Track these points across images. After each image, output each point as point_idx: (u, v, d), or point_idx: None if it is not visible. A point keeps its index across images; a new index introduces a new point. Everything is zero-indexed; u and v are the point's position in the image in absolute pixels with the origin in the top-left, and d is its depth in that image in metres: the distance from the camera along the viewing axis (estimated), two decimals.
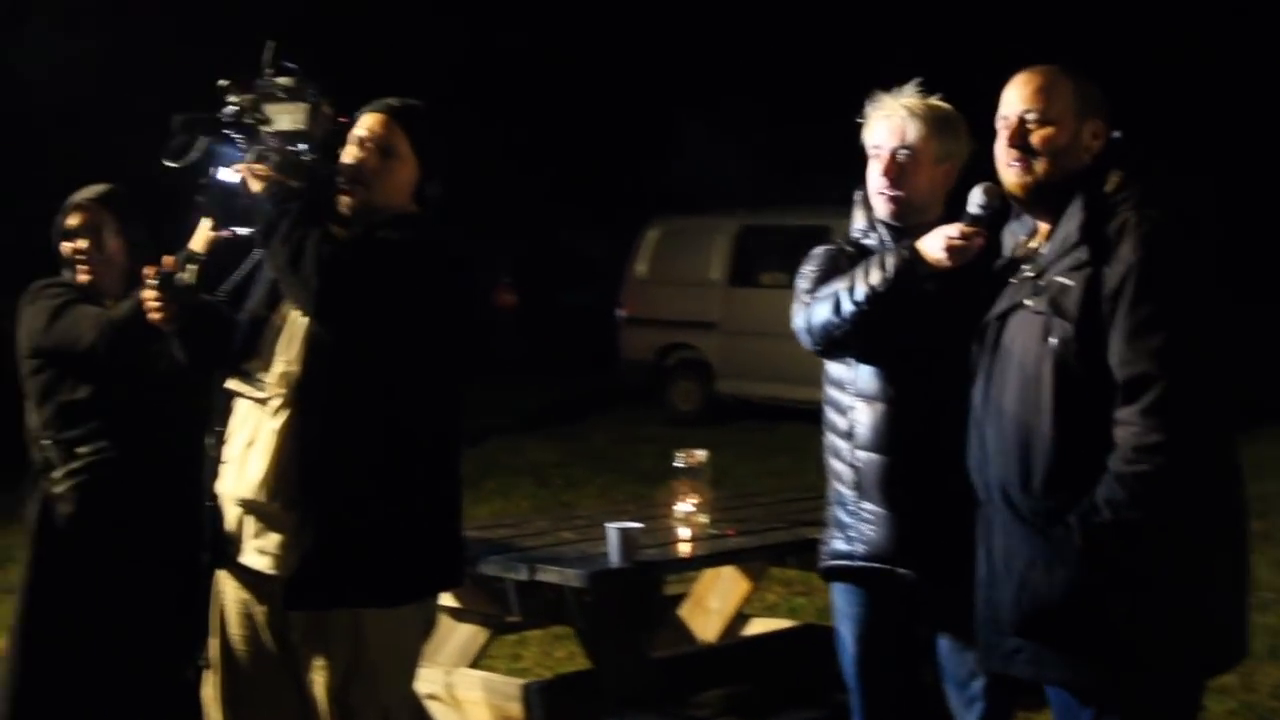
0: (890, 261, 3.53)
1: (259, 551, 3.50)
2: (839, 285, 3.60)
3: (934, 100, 3.76)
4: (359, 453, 3.39)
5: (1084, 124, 3.22)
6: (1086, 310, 3.06)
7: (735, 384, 14.50)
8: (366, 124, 3.52)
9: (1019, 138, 3.22)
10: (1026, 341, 3.16)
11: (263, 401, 3.47)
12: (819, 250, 3.84)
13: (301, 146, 3.49)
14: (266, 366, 3.49)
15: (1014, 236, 3.42)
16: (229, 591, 3.59)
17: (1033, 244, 3.31)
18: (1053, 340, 3.09)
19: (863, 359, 3.70)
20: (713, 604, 5.48)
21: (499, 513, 9.51)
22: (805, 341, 3.71)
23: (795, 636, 5.24)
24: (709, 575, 5.50)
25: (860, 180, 3.79)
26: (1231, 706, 5.86)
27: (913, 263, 3.51)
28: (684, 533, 4.79)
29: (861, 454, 3.69)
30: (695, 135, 19.67)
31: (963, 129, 3.76)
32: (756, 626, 5.61)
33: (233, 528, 3.53)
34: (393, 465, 3.41)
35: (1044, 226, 3.28)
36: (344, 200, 3.50)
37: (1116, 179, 3.16)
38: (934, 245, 3.50)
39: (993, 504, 3.21)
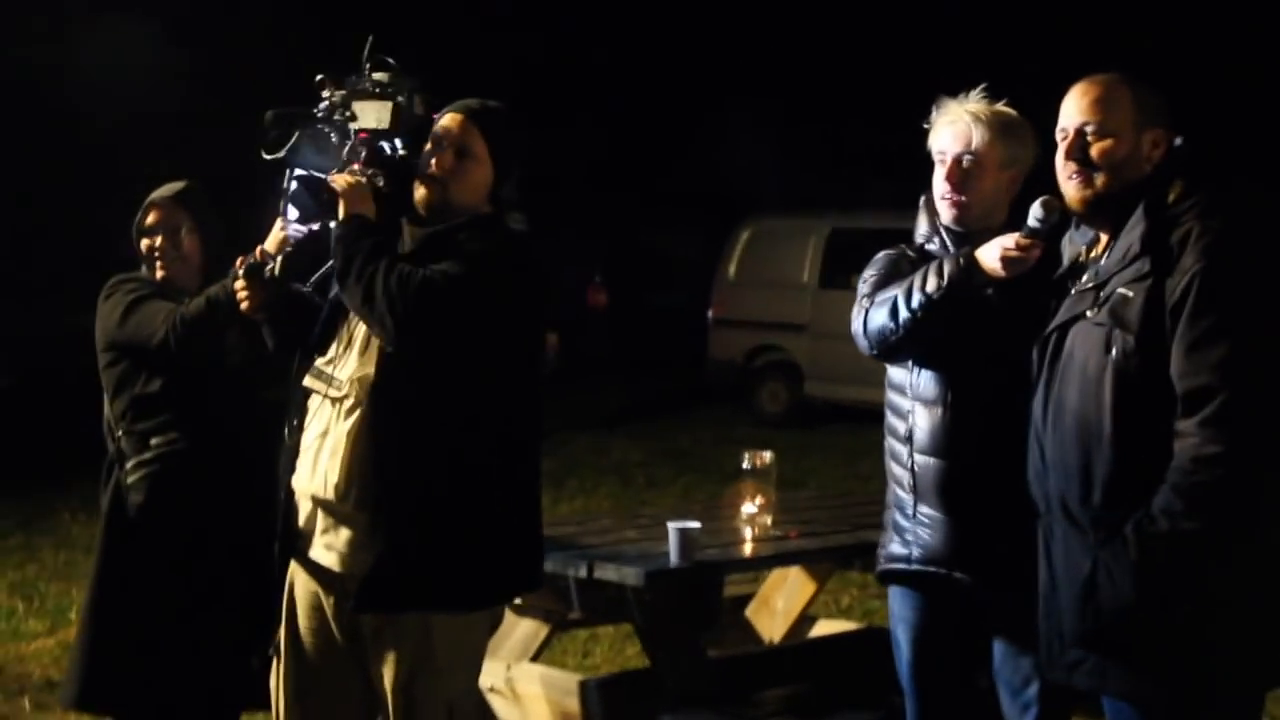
0: (947, 268, 3.54)
1: (327, 548, 3.56)
2: (896, 290, 3.61)
3: (1000, 106, 3.75)
4: (432, 457, 3.43)
5: (1144, 134, 3.19)
6: (1148, 322, 3.05)
7: (824, 386, 14.46)
8: (445, 124, 3.58)
9: (1078, 150, 3.20)
10: (1088, 353, 3.14)
11: (338, 400, 3.53)
12: (881, 255, 3.85)
13: (391, 143, 3.56)
14: (343, 365, 3.56)
15: (1074, 246, 3.40)
16: (299, 582, 3.65)
17: (1093, 254, 3.29)
18: (1114, 352, 3.07)
19: (919, 364, 3.70)
20: (778, 605, 5.50)
21: (578, 511, 9.56)
22: (862, 345, 3.72)
23: (855, 639, 5.24)
24: (776, 576, 5.52)
25: (927, 185, 3.79)
26: None
27: (969, 271, 3.51)
28: (746, 533, 4.81)
29: (919, 458, 3.70)
30: (786, 136, 19.65)
31: (1029, 136, 3.74)
32: (821, 628, 5.62)
33: (304, 523, 3.60)
34: (467, 469, 3.45)
35: (1104, 237, 3.26)
36: (419, 196, 3.56)
37: (1179, 188, 3.14)
38: (990, 255, 3.50)
39: (1053, 515, 3.21)
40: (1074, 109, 3.22)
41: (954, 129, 3.70)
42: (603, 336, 18.29)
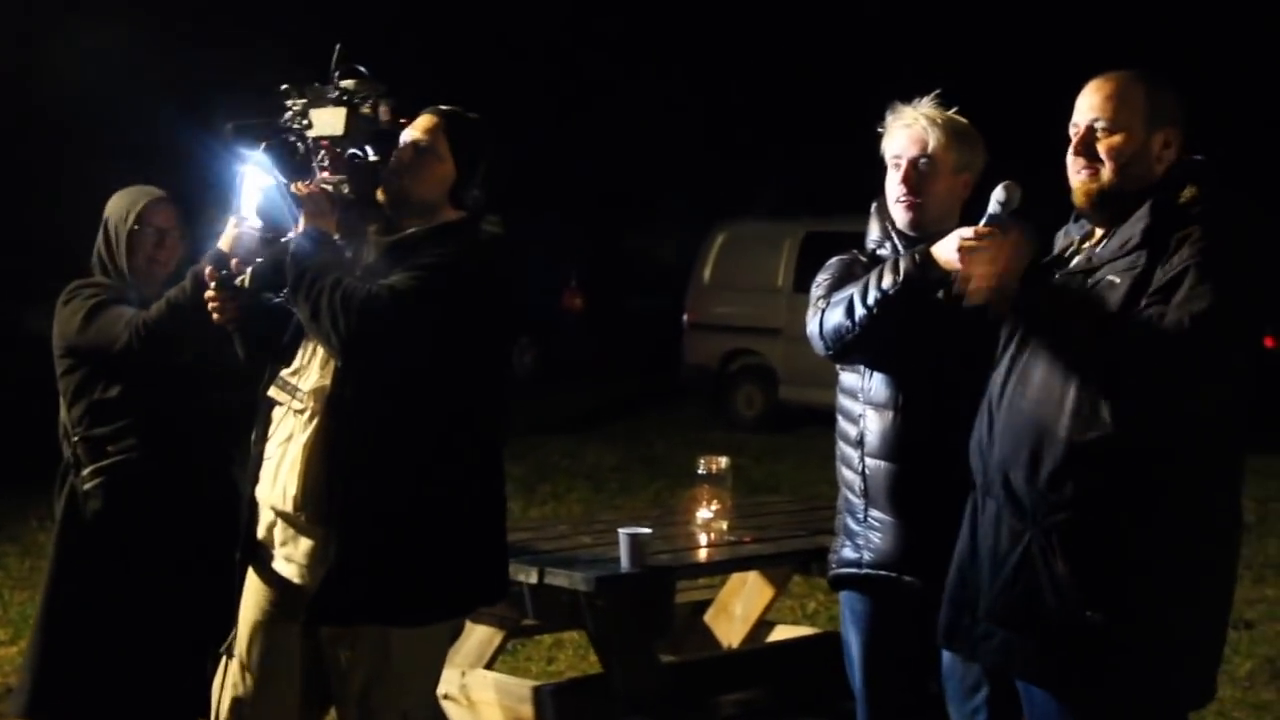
0: (903, 264, 3.54)
1: (286, 559, 3.60)
2: (852, 289, 3.63)
3: (952, 113, 3.80)
4: (388, 469, 3.46)
5: (1155, 133, 3.18)
6: (1127, 307, 3.05)
7: (798, 390, 14.50)
8: (415, 123, 3.65)
9: (1086, 145, 3.20)
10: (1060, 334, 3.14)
11: (299, 412, 3.57)
12: (833, 260, 3.88)
13: (360, 150, 3.60)
14: (306, 376, 3.60)
15: (1067, 237, 3.41)
16: (258, 592, 3.68)
17: (1085, 245, 3.29)
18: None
19: (874, 366, 3.74)
20: (737, 610, 5.52)
21: (549, 517, 9.59)
22: (818, 347, 3.74)
23: (812, 644, 5.26)
24: (734, 582, 5.54)
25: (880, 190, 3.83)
26: None
27: (924, 266, 3.50)
28: (700, 538, 4.84)
29: (870, 461, 3.74)
30: (761, 140, 19.67)
31: (979, 144, 3.80)
32: (779, 633, 5.64)
33: (264, 533, 3.64)
34: (426, 481, 3.48)
35: (1100, 231, 3.26)
36: (381, 193, 3.60)
37: (1191, 192, 3.13)
38: (947, 247, 3.47)
39: (989, 488, 3.22)
40: (1086, 104, 3.22)
41: (910, 132, 3.74)
42: (579, 340, 18.33)
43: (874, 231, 3.83)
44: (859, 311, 3.58)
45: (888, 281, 3.55)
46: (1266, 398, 13.01)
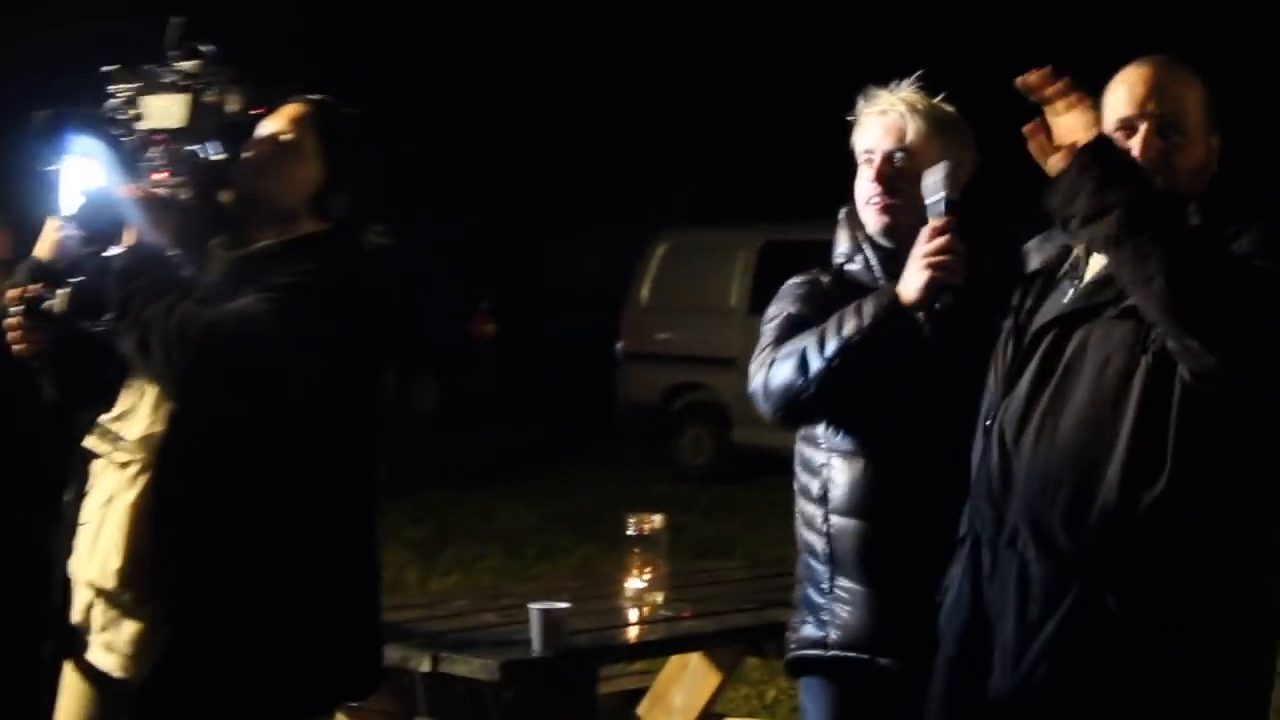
0: (868, 308, 3.53)
1: (106, 648, 3.53)
2: (805, 339, 3.60)
3: (938, 101, 3.80)
4: (232, 534, 3.43)
5: (1210, 138, 3.31)
6: None
7: (755, 433, 14.47)
8: (277, 113, 3.63)
9: (1155, 144, 3.25)
10: (1108, 352, 3.17)
11: (124, 465, 3.52)
12: (788, 286, 3.85)
13: (203, 147, 3.57)
14: (132, 423, 3.55)
15: (1045, 249, 3.46)
16: (73, 690, 3.62)
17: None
18: (1152, 350, 3.12)
19: (835, 424, 3.73)
20: (676, 701, 5.50)
21: (453, 589, 9.56)
22: (761, 407, 3.71)
23: None
24: (673, 666, 5.53)
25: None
26: None
27: (893, 309, 3.50)
28: (630, 614, 4.83)
29: (836, 520, 3.72)
30: (711, 136, 19.79)
31: (969, 138, 3.79)
32: None
33: (80, 616, 3.57)
34: (279, 549, 3.46)
35: None
36: (227, 192, 3.58)
37: (1230, 193, 3.25)
38: (910, 280, 3.49)
39: (1009, 543, 3.23)
40: (1140, 95, 3.27)
41: (885, 121, 3.73)
42: (491, 374, 18.30)
43: (842, 243, 3.81)
44: (814, 365, 3.56)
45: (850, 328, 3.53)
46: None
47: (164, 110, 3.57)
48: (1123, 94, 3.29)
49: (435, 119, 20.45)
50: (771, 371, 3.65)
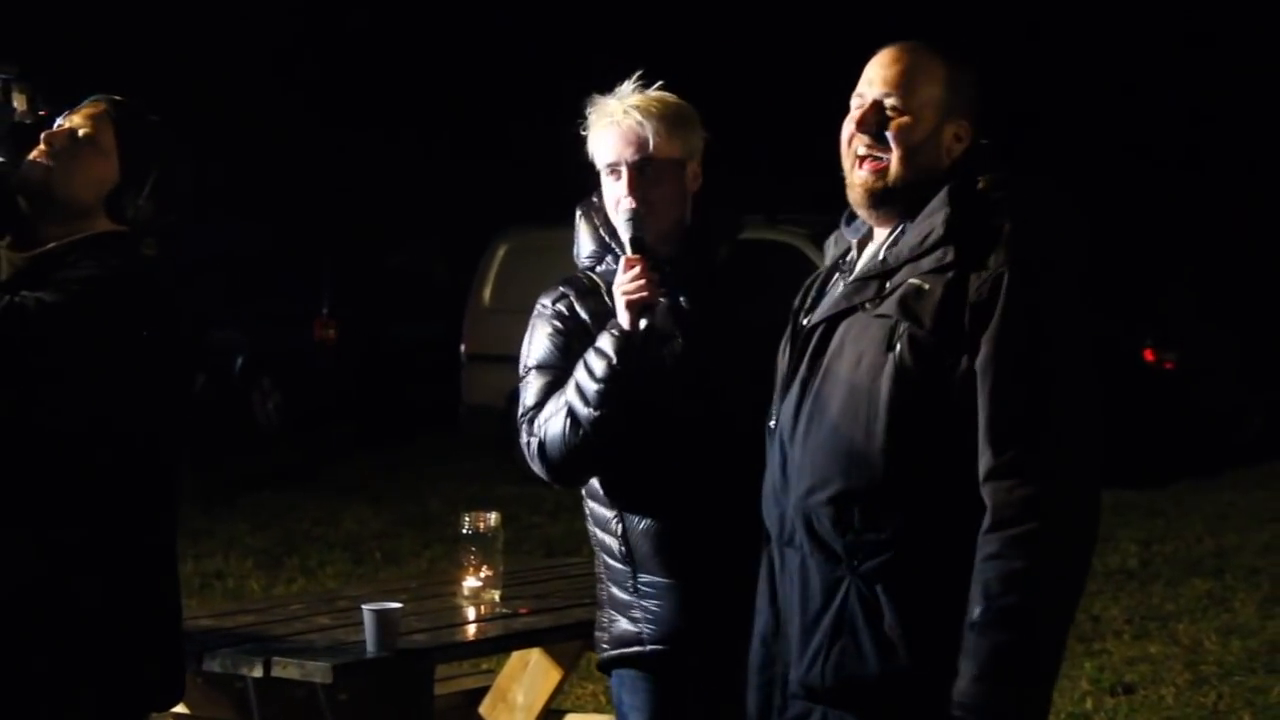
0: (606, 344, 3.67)
1: None
2: (568, 394, 3.71)
3: (660, 93, 3.84)
4: (17, 540, 3.36)
5: (948, 123, 3.31)
6: (944, 318, 3.14)
7: None
8: (79, 109, 3.58)
9: (873, 122, 3.29)
10: (862, 348, 3.21)
11: None
12: (538, 316, 3.96)
13: None
14: None
15: (840, 244, 3.49)
16: None
17: (870, 245, 3.37)
18: (898, 348, 3.15)
19: (636, 464, 3.78)
20: (518, 698, 5.50)
21: (297, 596, 9.45)
22: (539, 470, 3.84)
23: None
24: (514, 664, 5.53)
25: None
26: None
27: (624, 337, 3.65)
28: (467, 613, 4.82)
29: (632, 517, 3.80)
30: (545, 134, 19.79)
31: (697, 120, 3.87)
32: None
33: None
34: (66, 564, 3.38)
35: (882, 231, 3.35)
36: (18, 184, 3.50)
37: (988, 181, 3.25)
38: (620, 312, 3.68)
39: (789, 541, 3.26)
40: (878, 77, 3.30)
41: (621, 131, 3.77)
42: (332, 380, 18.12)
43: (587, 243, 3.89)
44: (584, 414, 3.68)
45: (600, 369, 3.66)
46: (1147, 429, 13.41)
47: None
48: (865, 72, 3.36)
49: (275, 120, 20.26)
50: (546, 434, 3.74)
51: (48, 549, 3.38)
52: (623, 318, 3.67)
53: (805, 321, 3.38)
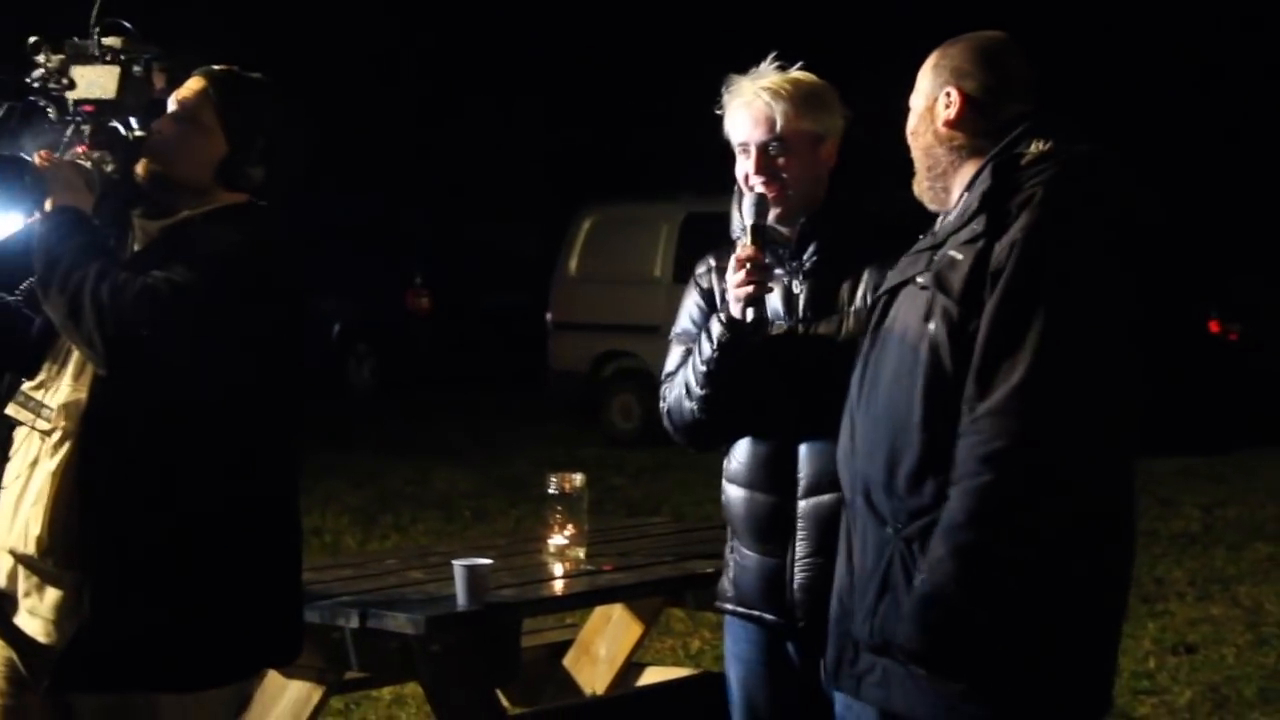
0: (714, 329, 3.69)
1: (30, 614, 3.47)
2: (686, 368, 3.76)
3: (796, 73, 3.80)
4: (155, 501, 3.37)
5: (935, 98, 3.31)
6: (970, 288, 3.10)
7: None
8: (181, 88, 3.57)
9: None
10: (909, 320, 3.21)
11: (46, 434, 3.46)
12: (694, 277, 3.93)
13: (124, 121, 3.53)
14: (54, 390, 3.48)
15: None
16: None
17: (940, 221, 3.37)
18: (932, 320, 3.13)
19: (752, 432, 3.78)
20: (601, 651, 5.52)
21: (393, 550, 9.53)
22: (676, 437, 3.88)
23: (687, 686, 5.30)
24: (597, 618, 5.55)
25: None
26: None
27: (732, 325, 3.65)
28: (552, 569, 4.84)
29: (728, 487, 3.82)
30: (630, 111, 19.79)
31: (834, 99, 3.82)
32: (651, 676, 5.66)
33: (4, 582, 3.51)
34: (200, 516, 3.40)
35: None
36: (139, 167, 3.52)
37: (1039, 148, 3.21)
38: (732, 303, 3.67)
39: (855, 503, 3.27)
40: (919, 89, 3.36)
41: (751, 111, 3.74)
42: (425, 347, 18.23)
43: (736, 221, 3.87)
44: (695, 392, 3.72)
45: (705, 352, 3.69)
46: (1207, 398, 13.32)
47: (96, 82, 3.52)
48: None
49: (368, 94, 20.32)
50: (670, 401, 3.82)
51: (180, 511, 3.40)
52: (732, 306, 3.66)
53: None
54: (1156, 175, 3.50)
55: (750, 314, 3.64)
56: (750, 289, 3.62)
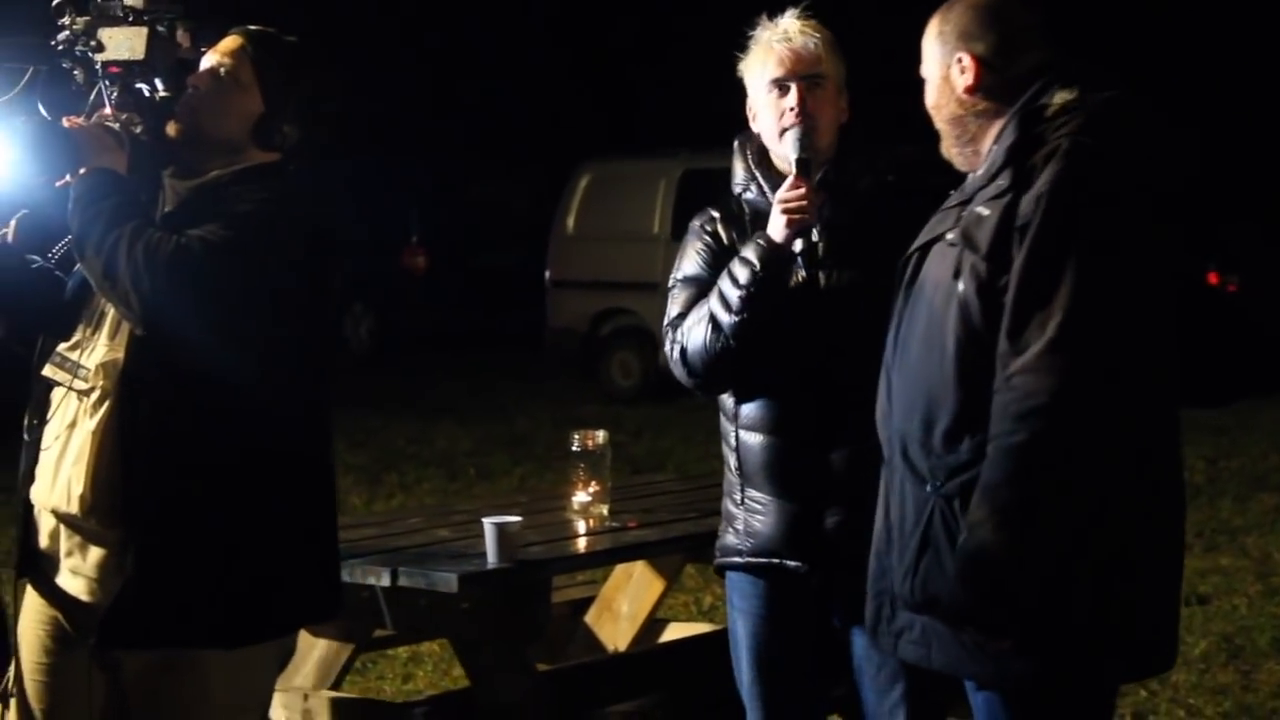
0: (751, 254, 3.67)
1: (73, 573, 3.49)
2: (710, 303, 3.73)
3: (817, 23, 3.84)
4: (195, 459, 3.39)
5: (949, 65, 3.29)
6: (998, 243, 3.08)
7: None
8: (218, 46, 3.57)
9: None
10: (939, 278, 3.20)
11: (84, 394, 3.47)
12: (691, 230, 3.92)
13: (149, 83, 3.53)
14: (90, 351, 3.50)
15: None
16: (38, 614, 3.57)
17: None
18: (962, 277, 3.13)
19: (752, 384, 3.79)
20: (623, 608, 5.56)
21: (397, 511, 9.56)
22: (683, 378, 3.85)
23: (709, 642, 5.31)
24: (618, 575, 5.58)
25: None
26: (1226, 708, 6.00)
27: (771, 249, 3.66)
28: (578, 526, 4.86)
29: (745, 434, 3.82)
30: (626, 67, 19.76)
31: (842, 52, 3.87)
32: (673, 632, 5.70)
33: (46, 542, 3.52)
34: (240, 474, 3.42)
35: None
36: (171, 127, 3.52)
37: (1065, 98, 3.18)
38: (775, 225, 3.67)
39: (893, 460, 3.28)
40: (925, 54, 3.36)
41: (793, 48, 3.77)
42: (422, 305, 18.24)
43: (739, 172, 3.90)
44: (726, 320, 3.69)
45: (745, 276, 3.67)
46: (1212, 347, 13.29)
47: (124, 43, 3.52)
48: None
49: (368, 52, 20.24)
50: (688, 340, 3.76)
51: (219, 467, 3.42)
52: (776, 230, 3.66)
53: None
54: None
55: (798, 243, 3.66)
56: (805, 214, 3.64)
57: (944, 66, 3.30)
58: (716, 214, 3.89)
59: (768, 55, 3.80)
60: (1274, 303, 14.69)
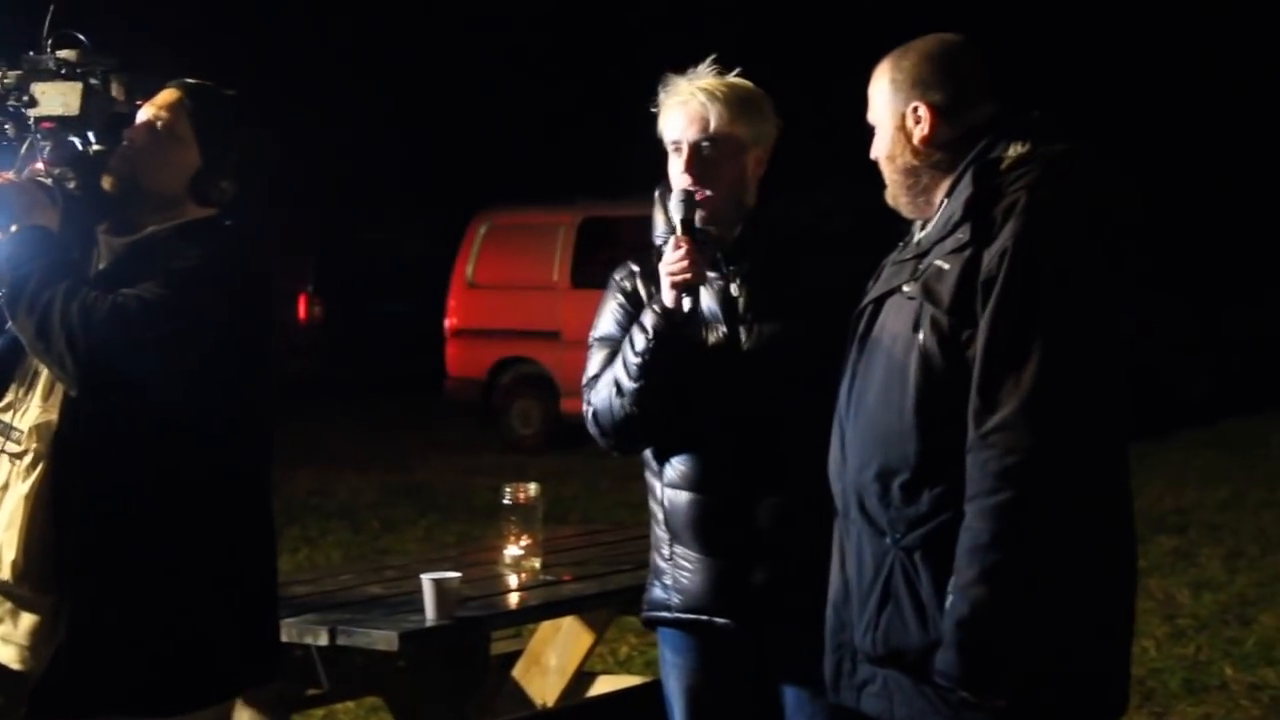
0: (647, 320, 3.69)
1: (4, 641, 3.45)
2: (615, 366, 3.75)
3: (733, 79, 3.82)
4: (130, 523, 3.36)
5: (904, 112, 3.29)
6: (960, 297, 3.10)
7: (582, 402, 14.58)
8: (154, 99, 3.56)
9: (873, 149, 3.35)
10: (897, 331, 3.21)
11: (16, 456, 3.42)
12: (611, 284, 3.93)
13: (82, 137, 3.49)
14: (23, 412, 3.45)
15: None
16: None
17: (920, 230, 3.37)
18: (922, 330, 3.14)
19: (674, 441, 3.79)
20: (551, 661, 5.54)
21: (304, 566, 9.47)
22: (596, 436, 3.88)
23: (641, 695, 5.31)
24: (545, 629, 5.56)
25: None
26: None
27: (667, 314, 3.67)
28: (513, 580, 4.85)
29: (670, 493, 3.82)
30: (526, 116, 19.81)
31: (769, 107, 3.84)
32: (602, 685, 5.68)
33: None
34: (177, 538, 3.39)
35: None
36: (106, 181, 3.50)
37: (1019, 150, 3.21)
38: (664, 291, 3.69)
39: (848, 516, 3.29)
40: (870, 102, 3.36)
41: (687, 110, 3.74)
42: (318, 355, 18.10)
43: (659, 224, 3.88)
44: (627, 386, 3.71)
45: (640, 344, 3.68)
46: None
47: (57, 98, 3.49)
48: None
49: (259, 102, 20.14)
50: (597, 403, 3.80)
51: (155, 530, 3.39)
52: (666, 296, 3.68)
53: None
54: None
55: (686, 302, 3.66)
56: (687, 276, 3.63)
57: (898, 115, 3.30)
58: (636, 268, 3.89)
59: (665, 114, 3.79)
60: (1162, 346, 14.91)
